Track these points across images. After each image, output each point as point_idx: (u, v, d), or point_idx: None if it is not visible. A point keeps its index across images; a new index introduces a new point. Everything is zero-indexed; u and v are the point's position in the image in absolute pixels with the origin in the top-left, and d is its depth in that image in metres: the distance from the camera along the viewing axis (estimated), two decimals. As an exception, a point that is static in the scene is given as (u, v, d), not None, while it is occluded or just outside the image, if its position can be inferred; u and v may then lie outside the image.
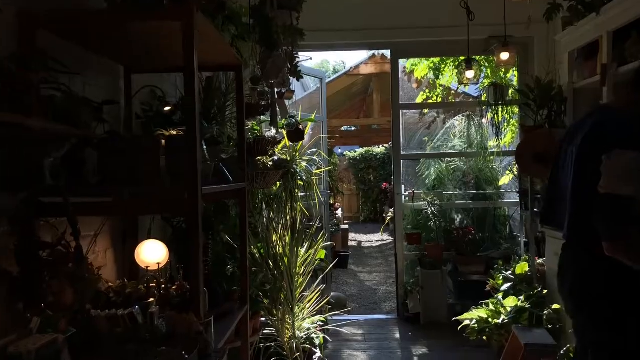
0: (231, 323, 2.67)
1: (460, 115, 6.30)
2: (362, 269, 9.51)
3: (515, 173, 5.62)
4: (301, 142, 4.70)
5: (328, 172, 9.90)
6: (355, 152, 16.84)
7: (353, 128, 16.15)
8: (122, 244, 2.79)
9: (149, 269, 2.72)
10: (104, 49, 2.44)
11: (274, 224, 3.88)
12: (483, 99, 5.60)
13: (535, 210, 4.52)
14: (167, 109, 2.68)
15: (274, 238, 3.75)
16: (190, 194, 1.88)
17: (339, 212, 13.26)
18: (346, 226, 12.53)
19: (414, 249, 5.75)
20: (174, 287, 2.53)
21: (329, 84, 8.70)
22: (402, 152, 5.79)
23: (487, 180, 6.10)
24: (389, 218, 13.74)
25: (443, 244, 5.55)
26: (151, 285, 2.50)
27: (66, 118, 1.73)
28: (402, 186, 5.80)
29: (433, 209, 5.46)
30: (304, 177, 4.79)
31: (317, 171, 5.26)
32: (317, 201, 4.84)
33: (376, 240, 13.06)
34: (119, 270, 2.76)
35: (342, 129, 15.84)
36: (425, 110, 6.24)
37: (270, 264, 3.63)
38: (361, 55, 10.52)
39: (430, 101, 6.33)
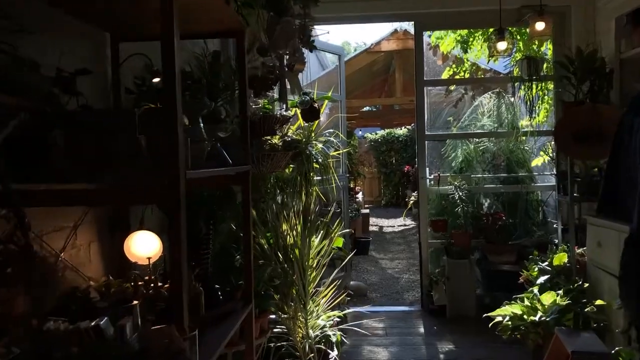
0: (233, 325, 2.34)
1: (489, 93, 5.84)
2: (383, 255, 9.16)
3: (551, 154, 5.16)
4: (317, 122, 4.34)
5: (347, 154, 9.54)
6: (376, 134, 16.41)
7: (374, 109, 15.68)
8: (110, 235, 2.46)
9: (138, 264, 2.40)
10: (85, 13, 2.10)
11: (285, 211, 3.52)
12: (515, 74, 5.15)
13: (575, 194, 4.08)
14: (156, 80, 2.33)
15: (284, 227, 3.40)
16: (171, 180, 1.53)
17: (360, 196, 12.89)
18: (367, 211, 12.17)
19: (439, 237, 5.36)
20: (166, 286, 2.21)
21: (348, 62, 8.28)
22: (426, 133, 5.37)
23: (518, 162, 5.66)
24: (411, 202, 13.36)
25: (471, 232, 5.14)
26: (139, 283, 2.18)
27: (11, 87, 1.39)
28: (427, 169, 5.39)
29: (460, 193, 5.05)
30: (320, 160, 4.42)
31: (335, 153, 4.88)
32: (334, 185, 4.47)
33: (398, 225, 12.67)
34: (108, 266, 2.44)
35: (364, 109, 15.40)
36: (452, 87, 5.78)
37: (280, 256, 3.28)
38: (382, 31, 9.93)
39: (457, 77, 5.87)
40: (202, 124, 2.24)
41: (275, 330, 3.28)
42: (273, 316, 3.30)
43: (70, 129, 1.67)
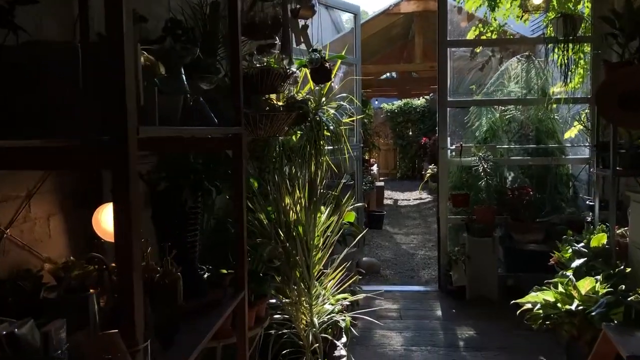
0: (219, 315, 1.97)
1: (517, 57, 5.32)
2: (398, 230, 8.76)
3: (586, 123, 4.67)
4: (328, 85, 3.92)
5: (362, 123, 9.09)
6: (393, 104, 15.85)
7: (391, 77, 15.06)
8: (77, 207, 2.09)
9: (103, 241, 2.03)
10: None
11: (288, 182, 3.11)
12: (548, 35, 4.64)
13: (619, 168, 3.62)
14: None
15: (287, 201, 2.99)
16: (114, 137, 1.13)
17: (374, 168, 12.46)
18: (381, 183, 11.76)
19: (459, 212, 4.93)
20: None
21: (365, 25, 7.75)
22: (449, 99, 4.89)
23: (548, 133, 5.17)
24: (427, 175, 12.90)
25: (495, 207, 4.71)
26: (104, 267, 1.80)
27: None
28: (448, 139, 4.93)
29: (485, 165, 4.59)
30: (332, 127, 4.00)
31: (348, 120, 4.45)
32: (347, 156, 4.05)
33: (414, 199, 12.24)
34: (73, 244, 2.06)
35: (381, 78, 14.80)
36: (478, 49, 5.27)
37: (281, 233, 2.89)
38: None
39: (483, 38, 5.34)
40: (184, 76, 1.82)
41: (275, 316, 2.91)
42: (274, 300, 2.93)
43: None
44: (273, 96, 3.01)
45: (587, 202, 4.60)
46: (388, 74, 15.17)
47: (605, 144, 3.82)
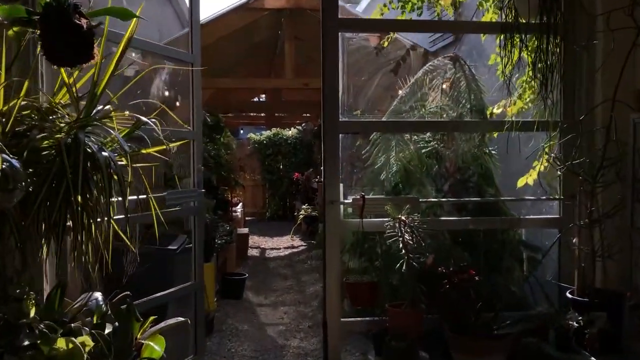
0: None
1: (438, 59, 3.51)
2: (263, 298, 6.56)
3: (555, 155, 2.88)
4: (95, 70, 1.77)
5: (218, 157, 6.86)
6: (261, 134, 13.87)
7: (262, 98, 13.00)
8: None
9: None
10: None
11: None
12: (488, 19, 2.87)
13: None
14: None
15: None
16: None
17: (239, 209, 10.22)
18: (245, 230, 9.55)
19: (361, 312, 2.88)
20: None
21: (217, 22, 5.61)
22: (341, 118, 2.87)
23: (487, 177, 3.35)
24: (300, 217, 10.99)
25: (423, 307, 2.72)
26: None
27: None
28: (341, 186, 2.88)
29: (408, 235, 2.58)
30: (112, 165, 1.82)
31: (153, 150, 2.29)
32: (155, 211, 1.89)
33: (284, 247, 10.16)
34: None
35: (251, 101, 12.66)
36: (387, 40, 3.36)
37: None
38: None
39: (400, 18, 3.36)
40: None
41: None
42: None
43: None
44: None
45: (568, 294, 2.76)
46: (256, 98, 13.18)
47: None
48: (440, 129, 3.28)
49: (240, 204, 10.89)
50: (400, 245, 2.58)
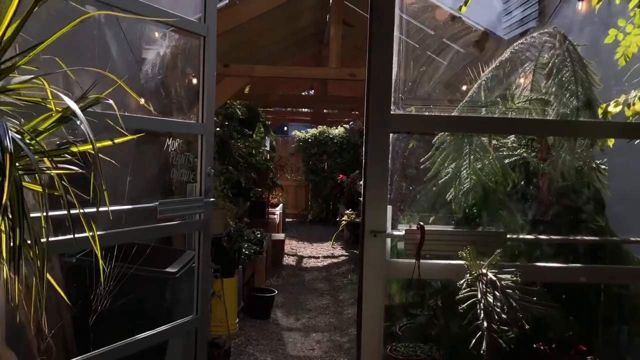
0: None
1: (537, 33, 2.54)
2: (294, 320, 5.71)
3: None
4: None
5: (254, 157, 6.07)
6: (307, 132, 13.11)
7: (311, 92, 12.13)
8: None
9: None
10: None
11: None
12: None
13: None
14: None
15: None
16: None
17: (278, 211, 9.44)
18: (281, 236, 8.74)
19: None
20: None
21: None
22: (393, 110, 1.95)
23: (594, 201, 2.36)
24: (343, 223, 10.12)
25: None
26: None
27: None
28: (389, 209, 1.96)
29: (491, 295, 1.64)
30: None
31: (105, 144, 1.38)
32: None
33: (324, 257, 9.28)
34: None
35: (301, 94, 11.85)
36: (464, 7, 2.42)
37: None
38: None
39: None
40: None
41: None
42: None
43: None
44: None
45: None
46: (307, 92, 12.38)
47: None
48: (542, 131, 2.29)
49: (281, 205, 10.10)
50: (479, 310, 1.64)
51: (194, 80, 3.20)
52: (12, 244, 1.16)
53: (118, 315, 2.61)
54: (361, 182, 8.70)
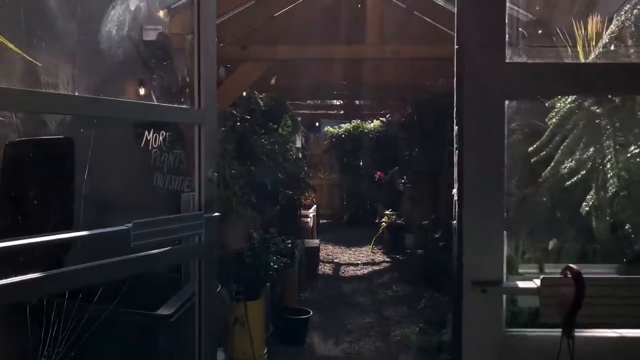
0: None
1: None
2: (332, 345, 4.85)
3: None
4: None
5: (281, 155, 5.25)
6: (339, 128, 12.25)
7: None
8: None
9: None
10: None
11: None
12: None
13: None
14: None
15: None
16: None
17: (311, 213, 8.61)
18: (316, 242, 7.88)
19: None
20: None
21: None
22: (509, 57, 1.08)
23: None
24: (383, 225, 9.29)
25: None
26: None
27: None
28: (505, 238, 1.09)
29: None
30: None
31: None
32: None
33: (363, 263, 8.38)
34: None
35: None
36: None
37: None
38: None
39: None
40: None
41: None
42: None
43: None
44: None
45: None
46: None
47: None
48: None
49: (314, 207, 9.27)
50: None
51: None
52: None
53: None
54: (400, 180, 7.55)
